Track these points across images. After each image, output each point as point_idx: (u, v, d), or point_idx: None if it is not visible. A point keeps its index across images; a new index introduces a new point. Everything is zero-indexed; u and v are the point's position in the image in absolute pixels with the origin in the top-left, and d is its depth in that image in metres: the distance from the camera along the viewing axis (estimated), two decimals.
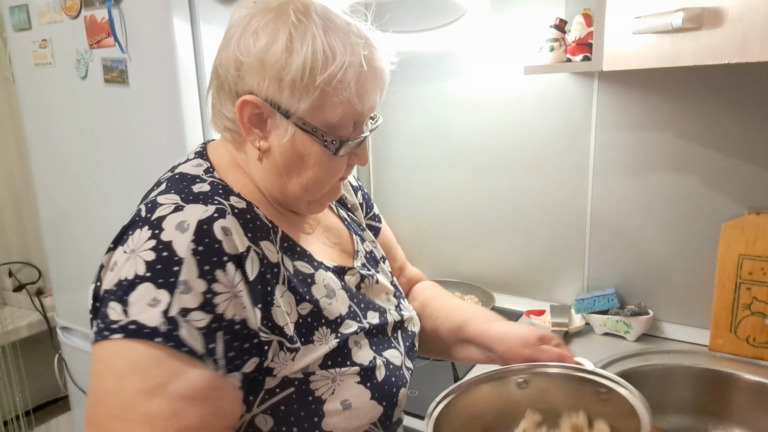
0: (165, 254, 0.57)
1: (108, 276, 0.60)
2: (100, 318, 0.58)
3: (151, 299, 0.56)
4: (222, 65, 0.67)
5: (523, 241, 1.54)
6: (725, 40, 0.88)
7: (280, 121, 0.65)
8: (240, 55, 0.64)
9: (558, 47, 1.25)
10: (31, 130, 1.59)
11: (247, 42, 0.64)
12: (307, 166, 0.68)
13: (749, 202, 1.23)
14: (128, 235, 0.60)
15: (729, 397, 1.16)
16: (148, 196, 0.68)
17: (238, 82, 0.65)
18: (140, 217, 0.61)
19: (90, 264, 1.58)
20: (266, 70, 0.63)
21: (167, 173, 0.72)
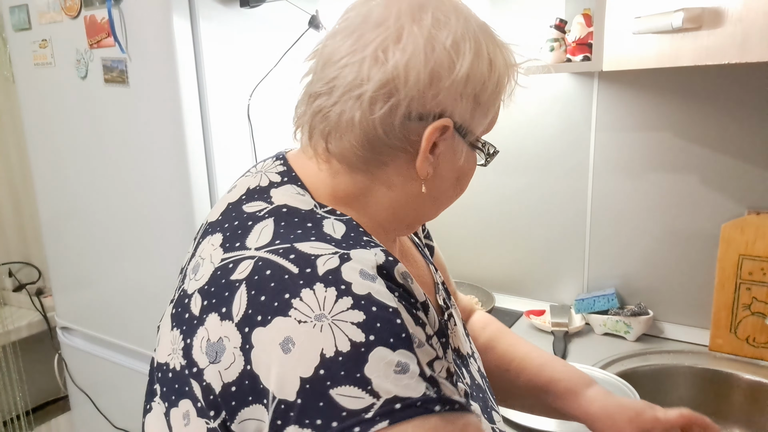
0: (375, 309, 0.44)
1: (280, 358, 0.43)
2: (313, 416, 0.41)
3: (396, 365, 0.43)
4: (403, 78, 0.52)
5: (523, 241, 1.54)
6: (725, 40, 0.88)
7: (458, 142, 0.57)
8: (438, 68, 0.52)
9: (558, 47, 1.25)
10: (31, 130, 1.58)
11: (444, 55, 0.52)
12: (460, 185, 0.60)
13: (749, 202, 1.23)
14: (280, 300, 0.45)
15: (729, 397, 1.16)
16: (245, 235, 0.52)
17: (428, 102, 0.53)
18: (291, 274, 0.46)
19: (90, 264, 1.59)
20: (468, 88, 0.54)
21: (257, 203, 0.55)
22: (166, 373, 0.51)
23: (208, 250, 0.53)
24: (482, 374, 0.70)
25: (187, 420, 0.48)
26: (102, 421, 1.62)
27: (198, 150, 1.25)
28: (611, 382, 1.07)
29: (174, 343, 0.50)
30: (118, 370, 1.53)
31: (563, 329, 1.33)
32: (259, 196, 0.56)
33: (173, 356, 0.50)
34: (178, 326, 0.50)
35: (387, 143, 0.54)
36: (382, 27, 0.52)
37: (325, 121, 0.54)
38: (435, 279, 0.70)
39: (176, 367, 0.49)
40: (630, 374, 1.16)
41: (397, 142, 0.54)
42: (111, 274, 1.50)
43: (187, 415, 0.48)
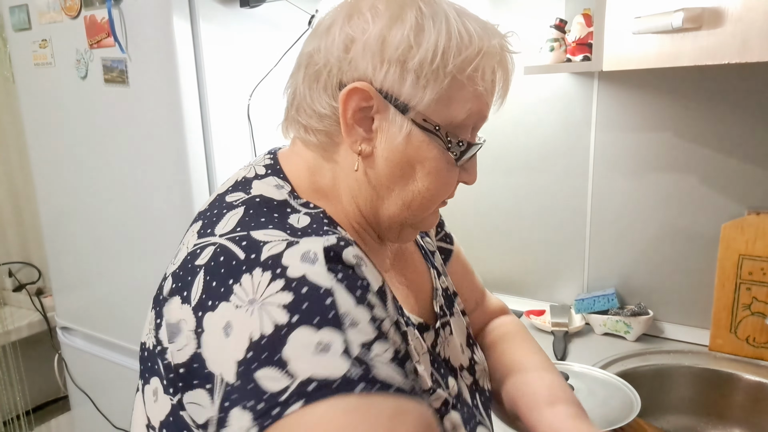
0: (305, 290, 0.44)
1: (222, 343, 0.44)
2: (246, 398, 0.42)
3: (317, 344, 0.42)
4: (321, 50, 0.54)
5: (523, 241, 1.54)
6: (725, 40, 0.88)
7: (394, 117, 0.53)
8: (353, 33, 0.52)
9: (558, 47, 1.25)
10: (31, 130, 1.58)
11: (363, 19, 0.52)
12: (417, 176, 0.56)
13: (749, 202, 1.23)
14: (225, 286, 0.45)
15: (729, 397, 1.16)
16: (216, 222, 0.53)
17: (345, 68, 0.52)
18: (237, 260, 0.46)
19: (90, 264, 1.59)
20: (387, 52, 0.52)
21: (237, 194, 0.56)
22: (143, 352, 0.53)
23: (188, 237, 0.54)
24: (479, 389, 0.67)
25: (156, 396, 0.50)
26: (102, 421, 1.62)
27: (198, 150, 1.25)
28: (611, 382, 1.07)
29: (150, 324, 0.52)
30: (118, 370, 1.53)
31: (563, 329, 1.33)
32: (241, 187, 0.56)
33: (149, 336, 0.52)
34: (154, 307, 0.52)
35: (323, 114, 0.55)
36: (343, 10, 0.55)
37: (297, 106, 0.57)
38: (435, 284, 0.69)
39: (150, 346, 0.51)
40: (630, 374, 1.16)
41: (328, 112, 0.54)
42: (111, 274, 1.50)
43: (156, 392, 0.50)
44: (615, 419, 0.94)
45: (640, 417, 0.95)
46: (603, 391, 1.03)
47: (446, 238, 0.81)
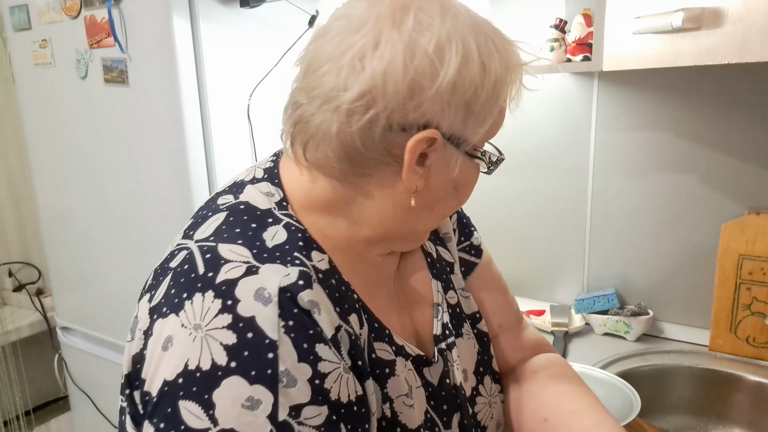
0: (250, 336, 0.43)
1: (159, 354, 0.45)
2: (160, 418, 0.42)
3: (246, 399, 0.42)
4: (381, 88, 0.47)
5: (523, 241, 1.54)
6: (725, 40, 0.88)
7: (450, 153, 0.51)
8: (420, 78, 0.47)
9: (558, 47, 1.25)
10: (31, 130, 1.58)
11: (425, 61, 0.47)
12: (458, 194, 0.55)
13: (749, 202, 1.23)
14: (180, 297, 0.45)
15: (729, 397, 1.16)
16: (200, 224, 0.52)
17: (410, 113, 0.48)
18: (197, 274, 0.46)
19: (90, 264, 1.59)
20: (457, 97, 0.49)
21: (228, 197, 0.55)
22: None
23: (178, 235, 0.54)
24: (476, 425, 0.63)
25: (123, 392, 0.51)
26: (102, 421, 1.62)
27: (198, 150, 1.25)
28: (611, 382, 1.07)
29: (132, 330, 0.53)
30: (118, 370, 1.53)
31: (563, 329, 1.33)
32: (234, 190, 0.56)
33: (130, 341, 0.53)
34: None
35: (367, 156, 0.50)
36: (360, 32, 0.48)
37: (304, 131, 0.51)
38: (437, 298, 0.65)
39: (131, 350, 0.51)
40: (630, 374, 1.16)
41: (377, 155, 0.50)
42: (111, 274, 1.50)
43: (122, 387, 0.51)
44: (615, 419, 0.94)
45: (640, 417, 0.95)
46: (603, 391, 1.03)
47: (471, 250, 0.75)
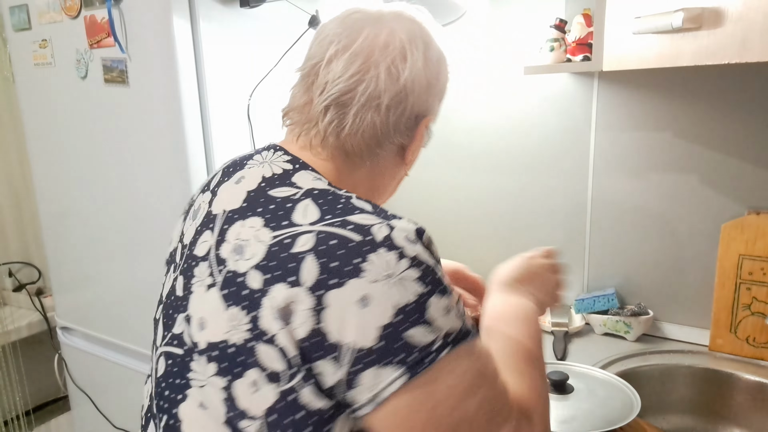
0: (423, 266, 0.55)
1: (357, 312, 0.52)
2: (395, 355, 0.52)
3: (444, 308, 0.55)
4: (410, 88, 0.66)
5: (523, 241, 1.54)
6: (725, 40, 0.88)
7: (423, 132, 0.72)
8: (432, 79, 0.69)
9: (558, 47, 1.25)
10: (31, 130, 1.59)
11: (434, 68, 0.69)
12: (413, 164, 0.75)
13: (749, 202, 1.23)
14: (350, 264, 0.53)
15: (729, 397, 1.16)
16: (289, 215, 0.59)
17: (423, 105, 0.69)
18: (355, 242, 0.54)
19: (90, 264, 1.59)
20: (442, 92, 0.72)
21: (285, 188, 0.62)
22: (224, 350, 0.56)
23: (248, 233, 0.59)
24: None
25: (255, 387, 0.55)
26: (102, 421, 1.62)
27: (198, 150, 1.25)
28: (611, 382, 1.07)
29: (233, 320, 0.56)
30: (118, 370, 1.53)
31: (563, 329, 1.33)
32: (282, 183, 0.62)
33: (233, 332, 0.56)
34: (236, 304, 0.56)
35: (392, 139, 0.68)
36: (389, 48, 0.65)
37: (340, 126, 0.66)
38: None
39: (237, 342, 0.55)
40: (630, 374, 1.16)
41: (399, 137, 0.69)
42: (111, 274, 1.50)
43: (255, 383, 0.54)
44: (615, 419, 0.94)
45: (640, 417, 0.95)
46: (603, 391, 1.03)
47: None
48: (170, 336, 0.63)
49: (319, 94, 0.66)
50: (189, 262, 0.64)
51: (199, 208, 0.68)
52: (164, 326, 0.65)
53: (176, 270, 0.67)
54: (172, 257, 0.71)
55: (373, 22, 0.67)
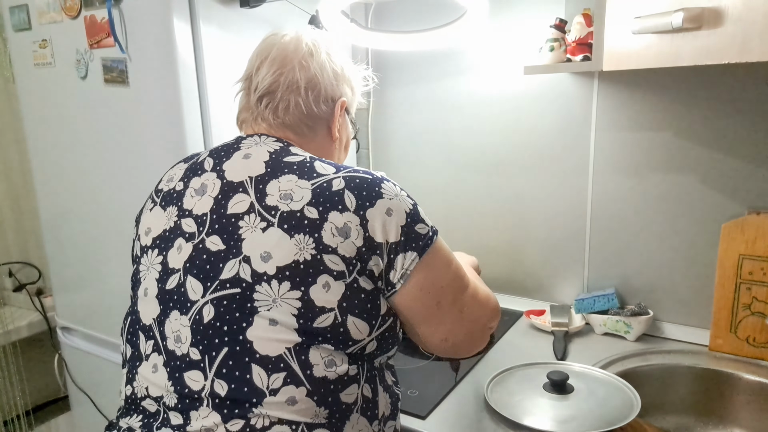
0: (405, 191, 0.83)
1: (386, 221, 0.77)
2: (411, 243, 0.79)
3: (423, 212, 0.82)
4: (320, 75, 0.89)
5: (523, 241, 1.54)
6: (725, 40, 0.88)
7: (345, 117, 0.96)
8: (337, 69, 0.91)
9: (558, 47, 1.25)
10: (31, 130, 1.59)
11: (337, 61, 0.92)
12: (347, 146, 1.00)
13: (749, 202, 1.23)
14: (374, 191, 0.78)
15: (729, 397, 1.16)
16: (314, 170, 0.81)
17: (334, 89, 0.91)
18: (372, 177, 0.81)
19: (90, 264, 1.59)
20: (350, 82, 0.94)
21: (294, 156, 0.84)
22: (295, 268, 0.74)
23: (288, 185, 0.79)
24: None
25: (327, 287, 0.74)
26: (102, 421, 1.62)
27: (198, 150, 1.25)
28: (611, 382, 1.07)
29: (300, 243, 0.75)
30: (118, 370, 1.53)
31: (563, 329, 1.33)
32: (287, 153, 0.84)
33: (302, 252, 0.74)
34: (298, 232, 0.75)
35: (316, 115, 0.90)
36: (298, 50, 0.89)
37: (274, 106, 0.88)
38: None
39: (307, 258, 0.74)
40: (630, 374, 1.16)
41: (321, 115, 0.90)
42: (111, 274, 1.50)
43: (327, 284, 0.74)
44: (615, 419, 0.94)
45: (640, 417, 0.95)
46: (603, 391, 1.03)
47: None
48: (217, 283, 0.76)
49: (254, 91, 0.89)
50: (223, 221, 0.79)
51: (206, 185, 0.83)
52: (201, 282, 0.77)
53: (195, 237, 0.80)
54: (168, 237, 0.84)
55: (282, 38, 0.90)
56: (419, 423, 1.02)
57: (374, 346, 0.79)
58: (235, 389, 0.72)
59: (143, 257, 0.87)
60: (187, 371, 0.75)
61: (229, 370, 0.73)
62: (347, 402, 0.76)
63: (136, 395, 0.80)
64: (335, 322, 0.74)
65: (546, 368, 1.11)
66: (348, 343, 0.76)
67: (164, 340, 0.79)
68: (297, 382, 0.73)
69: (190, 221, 0.82)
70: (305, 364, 0.73)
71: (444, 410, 1.05)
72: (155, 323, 0.81)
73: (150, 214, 0.89)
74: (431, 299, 0.81)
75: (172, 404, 0.76)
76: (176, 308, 0.79)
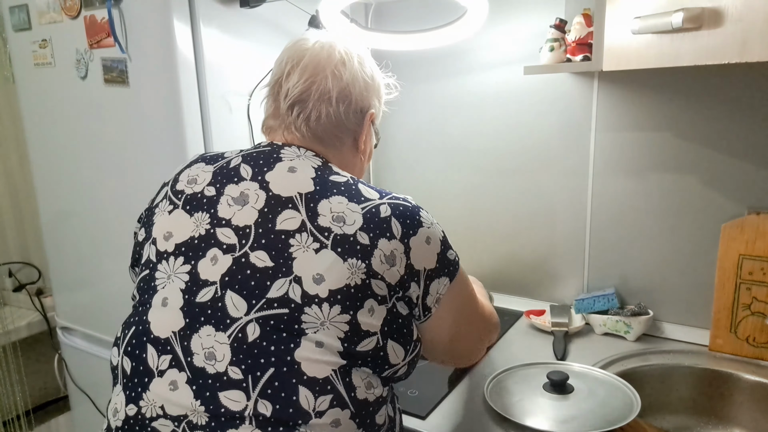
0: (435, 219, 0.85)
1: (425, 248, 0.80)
2: (444, 269, 0.82)
3: (449, 244, 0.84)
4: (352, 86, 0.88)
5: (523, 241, 1.54)
6: (725, 40, 0.88)
7: (369, 124, 0.94)
8: (368, 80, 0.90)
9: (558, 47, 1.25)
10: (31, 130, 1.59)
11: (369, 73, 0.91)
12: (369, 157, 0.98)
13: (749, 202, 1.23)
14: (415, 219, 0.80)
15: (729, 397, 1.16)
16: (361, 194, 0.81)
17: (365, 100, 0.90)
18: (412, 205, 0.82)
19: (90, 264, 1.59)
20: (379, 93, 0.94)
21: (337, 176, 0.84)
22: (346, 292, 0.74)
23: (339, 207, 0.78)
24: None
25: (372, 312, 0.75)
26: (102, 421, 1.62)
27: (198, 150, 1.25)
28: (611, 382, 1.07)
29: (352, 268, 0.75)
30: None
31: (563, 329, 1.33)
32: (330, 172, 0.84)
33: (353, 277, 0.74)
34: (351, 256, 0.75)
35: (346, 126, 0.89)
36: (331, 58, 0.87)
37: (306, 116, 0.87)
38: None
39: (357, 283, 0.74)
40: (630, 374, 1.16)
41: (351, 125, 0.90)
42: (111, 274, 1.50)
43: (372, 309, 0.75)
44: (615, 419, 0.94)
45: (640, 417, 0.95)
46: (603, 391, 1.03)
47: None
48: (264, 302, 0.73)
49: (284, 98, 0.87)
50: (271, 237, 0.76)
51: (248, 195, 0.80)
52: (244, 299, 0.74)
53: (235, 250, 0.77)
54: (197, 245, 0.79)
55: (314, 45, 0.89)
56: (419, 423, 1.02)
57: (405, 370, 0.81)
58: (280, 410, 0.70)
59: (162, 263, 0.80)
60: (224, 391, 0.71)
61: (275, 391, 0.71)
62: (379, 423, 0.77)
63: (144, 415, 0.74)
64: (377, 346, 0.75)
65: (546, 368, 1.11)
66: (385, 366, 0.77)
67: (189, 356, 0.74)
68: (342, 404, 0.73)
69: (228, 231, 0.78)
70: (350, 386, 0.73)
71: (444, 410, 1.05)
72: (175, 337, 0.75)
73: (169, 217, 0.83)
74: (461, 319, 0.88)
75: (202, 422, 0.71)
76: (209, 324, 0.74)
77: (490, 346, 1.02)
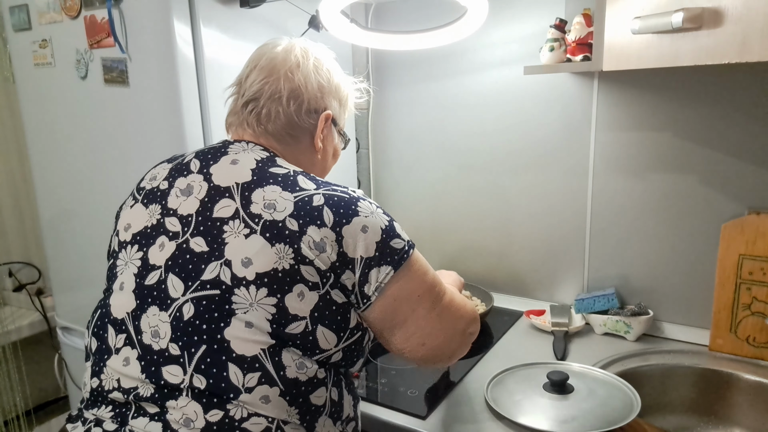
0: (381, 209, 0.86)
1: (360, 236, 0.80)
2: (385, 258, 0.81)
3: (400, 227, 0.85)
4: (303, 87, 0.91)
5: (523, 241, 1.54)
6: (725, 40, 0.88)
7: (332, 129, 0.98)
8: (322, 81, 0.93)
9: (558, 47, 1.25)
10: (31, 130, 1.59)
11: (324, 74, 0.94)
12: (335, 158, 1.03)
13: (749, 202, 1.23)
14: (351, 209, 0.81)
15: (729, 397, 1.16)
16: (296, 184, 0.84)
17: (318, 101, 0.93)
18: (348, 196, 0.83)
19: (90, 264, 1.59)
20: (338, 94, 0.97)
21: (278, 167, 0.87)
22: (273, 275, 0.77)
23: (272, 195, 0.81)
24: None
25: (302, 296, 0.78)
26: None
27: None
28: (611, 382, 1.07)
29: (280, 252, 0.78)
30: None
31: (563, 329, 1.33)
32: (272, 164, 0.86)
33: (281, 262, 0.77)
34: (279, 241, 0.78)
35: (299, 125, 0.92)
36: (286, 61, 0.92)
37: (258, 113, 0.91)
38: None
39: (285, 267, 0.77)
40: (630, 374, 1.16)
41: (304, 125, 0.93)
42: None
43: (302, 294, 0.78)
44: (615, 419, 0.94)
45: (640, 417, 0.95)
46: (603, 391, 1.03)
47: None
48: (198, 284, 0.79)
49: (241, 96, 0.93)
50: (208, 224, 0.81)
51: (192, 186, 0.86)
52: (182, 280, 0.80)
53: (179, 236, 0.83)
54: (149, 234, 0.85)
55: (274, 48, 0.94)
56: (419, 423, 1.02)
57: (339, 356, 0.82)
58: (213, 384, 0.75)
59: (121, 252, 0.88)
60: (166, 365, 0.78)
61: (207, 367, 0.76)
62: (317, 404, 0.80)
63: (104, 387, 0.82)
64: (306, 330, 0.78)
65: (546, 368, 1.12)
66: (315, 351, 0.79)
67: (139, 335, 0.81)
68: (271, 382, 0.76)
69: (174, 220, 0.84)
70: (279, 365, 0.77)
71: (444, 410, 1.05)
72: (129, 317, 0.83)
73: (130, 210, 0.91)
74: (407, 307, 0.84)
75: (148, 394, 0.78)
76: (155, 304, 0.81)
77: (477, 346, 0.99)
